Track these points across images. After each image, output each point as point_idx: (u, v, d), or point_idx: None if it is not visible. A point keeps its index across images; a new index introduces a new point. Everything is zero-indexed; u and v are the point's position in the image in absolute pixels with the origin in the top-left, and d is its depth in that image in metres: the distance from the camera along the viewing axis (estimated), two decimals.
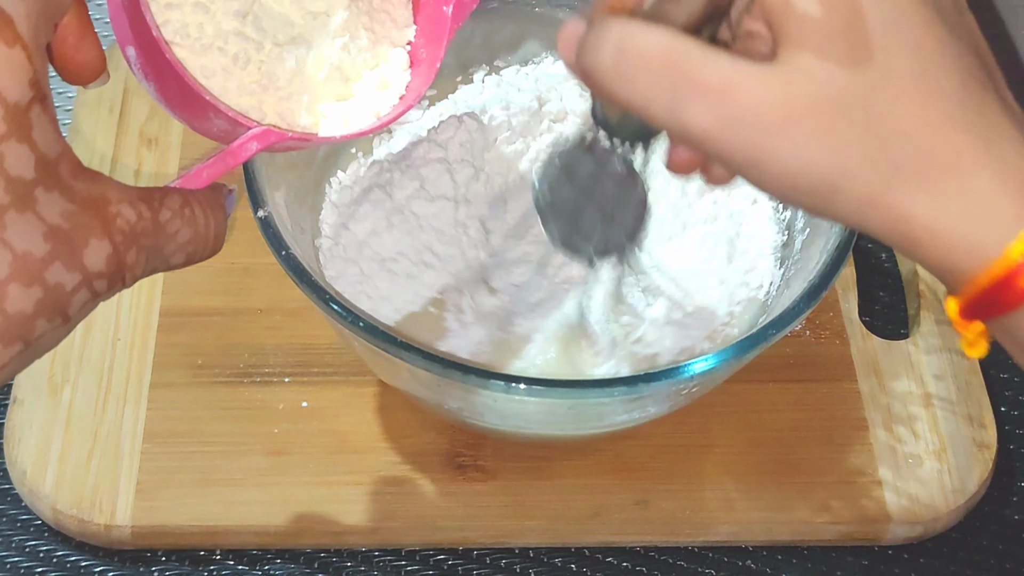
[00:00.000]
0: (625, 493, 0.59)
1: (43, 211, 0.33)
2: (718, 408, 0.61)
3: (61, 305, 0.33)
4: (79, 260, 0.33)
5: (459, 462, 0.59)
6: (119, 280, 0.35)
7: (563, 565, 0.58)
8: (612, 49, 0.36)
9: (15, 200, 0.32)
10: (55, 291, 0.33)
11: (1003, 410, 0.64)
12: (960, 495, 0.59)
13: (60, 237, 0.33)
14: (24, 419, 0.59)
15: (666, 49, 0.35)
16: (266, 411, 0.60)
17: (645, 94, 0.36)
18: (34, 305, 0.33)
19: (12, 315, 0.32)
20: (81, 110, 0.70)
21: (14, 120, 0.32)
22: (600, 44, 0.37)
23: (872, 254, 0.69)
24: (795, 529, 0.59)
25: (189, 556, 0.58)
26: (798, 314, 0.50)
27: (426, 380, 0.50)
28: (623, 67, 0.36)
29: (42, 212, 0.33)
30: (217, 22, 0.42)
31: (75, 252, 0.33)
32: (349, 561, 0.58)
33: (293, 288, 0.50)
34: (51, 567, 0.58)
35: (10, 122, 0.32)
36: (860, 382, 0.63)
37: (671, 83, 0.35)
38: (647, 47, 0.36)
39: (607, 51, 0.36)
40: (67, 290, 0.33)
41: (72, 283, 0.33)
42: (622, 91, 0.36)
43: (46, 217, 0.33)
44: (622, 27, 0.36)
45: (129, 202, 0.35)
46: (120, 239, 0.35)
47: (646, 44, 0.36)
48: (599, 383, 0.50)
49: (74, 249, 0.33)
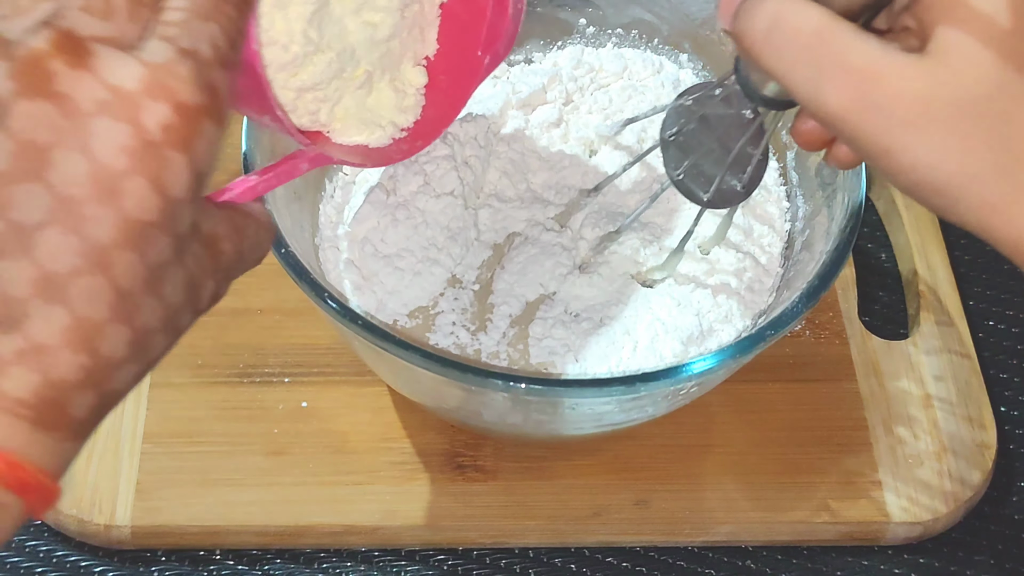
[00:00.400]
0: (625, 493, 0.59)
1: (188, 261, 0.33)
2: (718, 408, 0.61)
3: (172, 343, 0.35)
4: (198, 303, 0.35)
5: (459, 462, 0.59)
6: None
7: (563, 565, 0.58)
8: (767, 18, 0.37)
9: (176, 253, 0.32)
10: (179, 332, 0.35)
11: (1003, 410, 0.64)
12: (960, 495, 0.59)
13: (192, 284, 0.34)
14: None
15: (818, 26, 0.36)
16: (266, 411, 0.60)
17: (791, 65, 0.37)
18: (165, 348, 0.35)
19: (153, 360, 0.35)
20: None
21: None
22: (756, 11, 0.37)
23: (872, 254, 0.69)
24: (795, 529, 0.59)
25: (189, 556, 0.58)
26: (798, 314, 0.50)
27: (425, 379, 0.50)
28: (774, 36, 0.37)
29: (187, 261, 0.33)
30: (289, 20, 0.42)
31: (198, 297, 0.34)
32: (349, 561, 0.58)
33: (293, 288, 0.50)
34: (51, 567, 0.58)
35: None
36: (860, 382, 0.63)
37: (817, 59, 0.36)
38: (801, 22, 0.36)
39: (762, 19, 0.37)
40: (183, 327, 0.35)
41: (188, 323, 0.35)
42: (769, 59, 0.37)
43: (189, 266, 0.33)
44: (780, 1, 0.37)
45: (228, 236, 0.35)
46: (221, 276, 0.36)
47: (801, 19, 0.36)
48: (598, 383, 0.50)
49: (198, 294, 0.34)
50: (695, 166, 0.50)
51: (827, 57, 0.36)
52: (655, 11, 0.65)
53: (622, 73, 0.65)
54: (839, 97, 0.35)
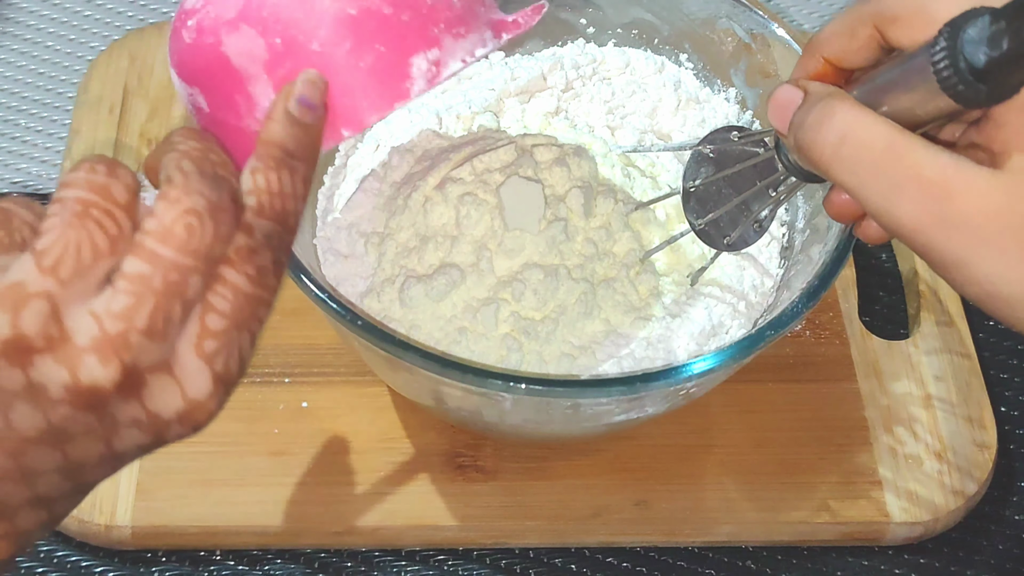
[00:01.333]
0: (625, 493, 0.59)
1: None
2: (718, 408, 0.61)
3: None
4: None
5: (459, 462, 0.59)
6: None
7: (563, 565, 0.58)
8: (836, 134, 0.37)
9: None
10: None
11: (1003, 410, 0.64)
12: (960, 495, 0.59)
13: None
14: None
15: (890, 141, 0.36)
16: (266, 411, 0.60)
17: (863, 180, 0.37)
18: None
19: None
20: (81, 110, 0.70)
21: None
22: (824, 126, 0.38)
23: (872, 254, 0.69)
24: (795, 529, 0.59)
25: (189, 556, 0.58)
26: (798, 314, 0.50)
27: (425, 379, 0.50)
28: (844, 152, 0.37)
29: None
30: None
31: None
32: (349, 561, 0.58)
33: (293, 288, 0.50)
34: (51, 567, 0.58)
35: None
36: (860, 382, 0.63)
37: (890, 175, 0.36)
38: (871, 137, 0.37)
39: (831, 135, 0.38)
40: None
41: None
42: (840, 174, 0.38)
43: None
44: (848, 114, 0.37)
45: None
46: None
47: (871, 134, 0.37)
48: (598, 382, 0.50)
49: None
50: (718, 217, 0.51)
51: (900, 172, 0.36)
52: (655, 11, 0.65)
53: (624, 68, 0.65)
54: (914, 211, 0.36)
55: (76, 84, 0.73)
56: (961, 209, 0.35)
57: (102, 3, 0.79)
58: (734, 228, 0.51)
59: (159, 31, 0.74)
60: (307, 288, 0.50)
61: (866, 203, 0.37)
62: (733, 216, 0.51)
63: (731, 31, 0.62)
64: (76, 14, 0.79)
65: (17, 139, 0.73)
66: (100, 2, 0.79)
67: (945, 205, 0.35)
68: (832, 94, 0.39)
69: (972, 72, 0.34)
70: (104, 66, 0.72)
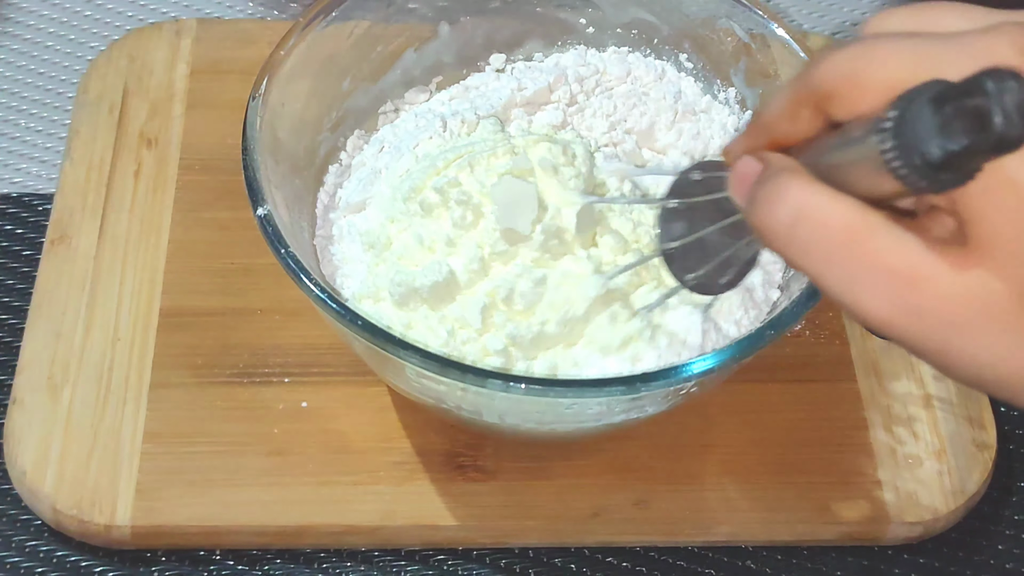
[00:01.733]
0: (625, 493, 0.59)
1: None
2: (718, 408, 0.61)
3: None
4: None
5: (459, 462, 0.59)
6: None
7: (563, 565, 0.58)
8: (790, 212, 0.34)
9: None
10: None
11: (1003, 410, 0.64)
12: (960, 495, 0.59)
13: None
14: (24, 419, 0.59)
15: (849, 224, 0.33)
16: (266, 411, 0.60)
17: (820, 268, 0.34)
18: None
19: None
20: (81, 110, 0.70)
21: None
22: (777, 203, 0.35)
23: None
24: (795, 529, 0.59)
25: (189, 556, 0.58)
26: (798, 314, 0.50)
27: (425, 379, 0.50)
28: (799, 232, 0.34)
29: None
30: None
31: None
32: (349, 561, 0.58)
33: (293, 288, 0.50)
34: (51, 567, 0.58)
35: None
36: (860, 382, 0.63)
37: (850, 264, 0.33)
38: (828, 219, 0.34)
39: (784, 212, 0.34)
40: None
41: None
42: (795, 258, 0.35)
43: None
44: (803, 191, 0.34)
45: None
46: None
47: (827, 215, 0.34)
48: (598, 383, 0.50)
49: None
50: (687, 245, 0.47)
51: (860, 261, 0.33)
52: (655, 11, 0.65)
53: (626, 77, 0.65)
54: (880, 303, 0.33)
55: (76, 84, 0.73)
56: (930, 298, 0.33)
57: (102, 3, 0.79)
58: (701, 268, 0.47)
59: (159, 31, 0.74)
60: (307, 288, 0.50)
61: (827, 292, 0.34)
62: (703, 252, 0.47)
63: (731, 31, 0.62)
64: (76, 14, 0.79)
65: (17, 139, 0.73)
66: (100, 2, 0.79)
67: (913, 295, 0.33)
68: (788, 168, 0.36)
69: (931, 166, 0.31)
70: (104, 66, 0.72)
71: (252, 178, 0.52)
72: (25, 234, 0.68)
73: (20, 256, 0.67)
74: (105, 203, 0.66)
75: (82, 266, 0.64)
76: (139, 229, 0.66)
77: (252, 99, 0.55)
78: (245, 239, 0.65)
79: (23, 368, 0.61)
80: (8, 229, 0.68)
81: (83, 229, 0.65)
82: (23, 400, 0.60)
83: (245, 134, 0.54)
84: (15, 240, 0.68)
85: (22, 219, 0.69)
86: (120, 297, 0.63)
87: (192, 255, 0.65)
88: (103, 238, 0.65)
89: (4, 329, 0.64)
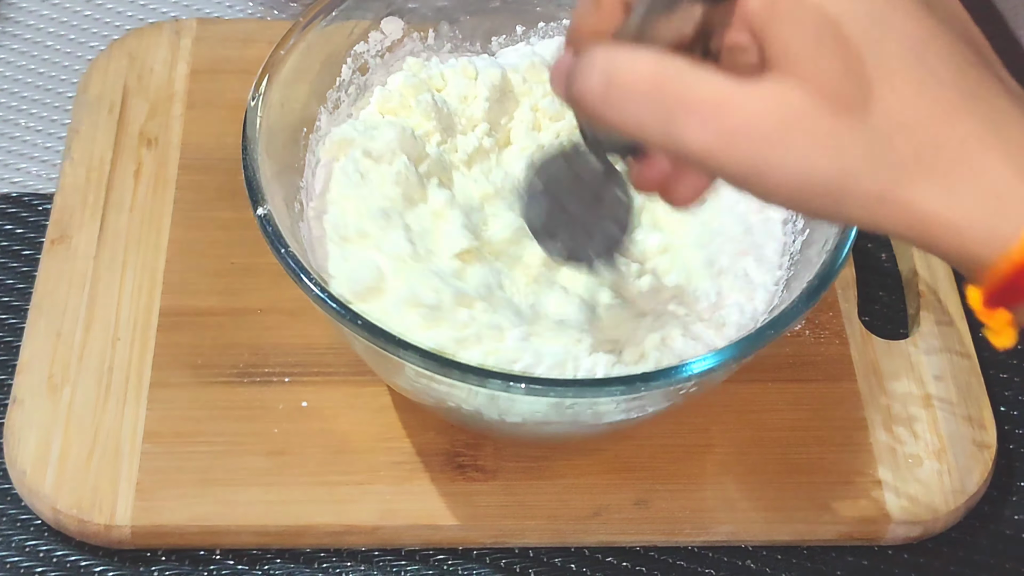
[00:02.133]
0: (625, 493, 0.59)
1: None
2: (718, 408, 0.61)
3: None
4: None
5: (459, 462, 0.59)
6: None
7: (563, 565, 0.58)
8: (600, 77, 0.36)
9: None
10: None
11: (1003, 410, 0.64)
12: (960, 495, 0.59)
13: None
14: (24, 419, 0.59)
15: (654, 72, 0.35)
16: (266, 411, 0.60)
17: (638, 118, 0.36)
18: None
19: None
20: (81, 110, 0.70)
21: None
22: (588, 73, 0.36)
23: (872, 254, 0.69)
24: (795, 529, 0.59)
25: (189, 556, 0.58)
26: (798, 314, 0.50)
27: (425, 379, 0.50)
28: (612, 94, 0.36)
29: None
30: None
31: None
32: (349, 561, 0.58)
33: (293, 288, 0.50)
34: (51, 567, 0.58)
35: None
36: (860, 382, 0.63)
37: (663, 105, 0.35)
38: (635, 71, 0.36)
39: (595, 79, 0.36)
40: None
41: None
42: (614, 117, 0.36)
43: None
44: (608, 54, 0.36)
45: None
46: None
47: (634, 69, 0.36)
48: (598, 382, 0.50)
49: None
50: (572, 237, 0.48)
51: (673, 99, 0.35)
52: None
53: None
54: (697, 135, 0.35)
55: (76, 84, 0.73)
56: (740, 118, 0.34)
57: (102, 3, 0.79)
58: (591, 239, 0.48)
59: (159, 31, 0.74)
60: (307, 288, 0.50)
61: (649, 140, 0.36)
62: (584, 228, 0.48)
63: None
64: (76, 14, 0.79)
65: (17, 139, 0.73)
66: (100, 2, 0.79)
67: (724, 119, 0.34)
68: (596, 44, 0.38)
69: None
70: (104, 66, 0.72)
71: (252, 178, 0.52)
72: (25, 234, 0.68)
73: (20, 256, 0.67)
74: (105, 203, 0.66)
75: (82, 266, 0.64)
76: (139, 229, 0.66)
77: (252, 99, 0.55)
78: (245, 239, 0.65)
79: (23, 368, 0.61)
80: (8, 229, 0.68)
81: (83, 229, 0.65)
82: (23, 400, 0.60)
83: (245, 134, 0.54)
84: (15, 240, 0.68)
85: (22, 219, 0.69)
86: (120, 297, 0.63)
87: (192, 255, 0.65)
88: (103, 238, 0.65)
89: (4, 329, 0.64)
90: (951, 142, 0.34)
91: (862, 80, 0.34)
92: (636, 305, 0.56)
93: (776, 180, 0.35)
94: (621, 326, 0.55)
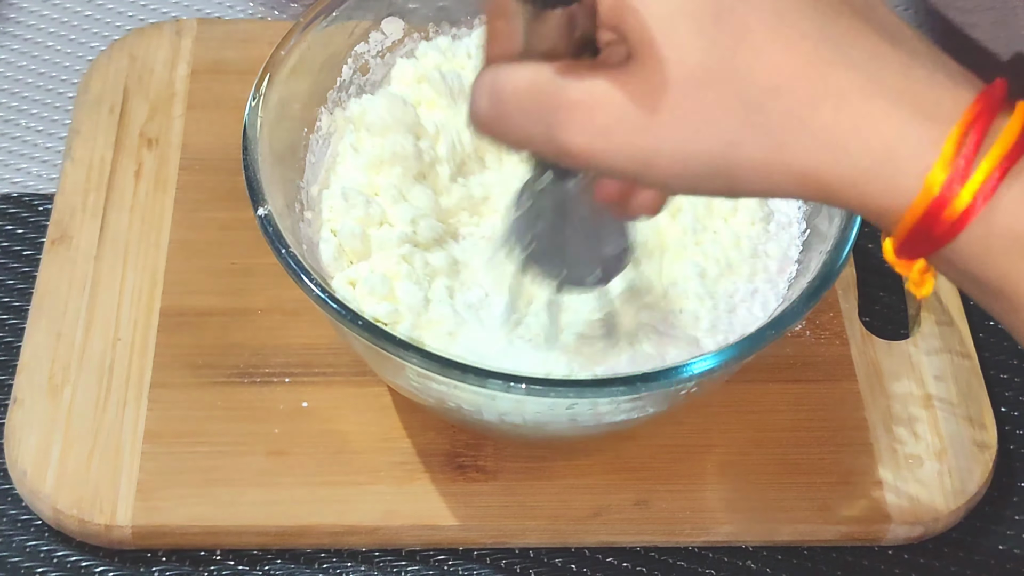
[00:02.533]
0: (625, 493, 0.59)
1: None
2: (718, 408, 0.61)
3: None
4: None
5: (459, 462, 0.59)
6: None
7: (563, 565, 0.58)
8: (487, 94, 0.36)
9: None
10: None
11: (1003, 410, 0.64)
12: (960, 496, 0.59)
13: None
14: (24, 419, 0.59)
15: (531, 81, 0.35)
16: (266, 411, 0.60)
17: (525, 131, 0.36)
18: None
19: None
20: (81, 110, 0.70)
21: None
22: (479, 95, 0.37)
23: (872, 254, 0.69)
24: (795, 529, 0.59)
25: (189, 556, 0.58)
26: (798, 315, 0.50)
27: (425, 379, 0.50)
28: (499, 110, 0.36)
29: None
30: None
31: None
32: (349, 561, 0.58)
33: (293, 288, 0.50)
34: (51, 567, 0.58)
35: None
36: (860, 383, 0.63)
37: (542, 109, 0.35)
38: (515, 84, 0.36)
39: (484, 100, 0.36)
40: None
41: None
42: (505, 134, 0.36)
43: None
44: (491, 73, 0.36)
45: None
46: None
47: (514, 82, 0.36)
48: (598, 383, 0.50)
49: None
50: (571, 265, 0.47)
51: (548, 106, 0.35)
52: None
53: None
54: (575, 138, 0.34)
55: (76, 84, 0.73)
56: (610, 113, 0.34)
57: (102, 3, 0.79)
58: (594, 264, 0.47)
59: (159, 31, 0.74)
60: (307, 288, 0.50)
61: (539, 151, 0.36)
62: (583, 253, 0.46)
63: None
64: (76, 14, 0.79)
65: (17, 139, 0.73)
66: (100, 2, 0.79)
67: (597, 118, 0.34)
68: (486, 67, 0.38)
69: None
70: (104, 66, 0.72)
71: (252, 178, 0.52)
72: (25, 234, 0.68)
73: (20, 256, 0.67)
74: (106, 203, 0.67)
75: (82, 266, 0.64)
76: (139, 229, 0.66)
77: (252, 99, 0.55)
78: (245, 239, 0.65)
79: (23, 368, 0.61)
80: (8, 229, 0.68)
81: (83, 229, 0.65)
82: (23, 400, 0.60)
83: (245, 134, 0.54)
84: (15, 240, 0.68)
85: (22, 219, 0.69)
86: (120, 297, 0.63)
87: (192, 255, 0.65)
88: (103, 238, 0.65)
89: (4, 329, 0.64)
90: (828, 97, 0.32)
91: (722, 48, 0.33)
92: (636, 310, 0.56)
93: (663, 168, 0.34)
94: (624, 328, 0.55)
